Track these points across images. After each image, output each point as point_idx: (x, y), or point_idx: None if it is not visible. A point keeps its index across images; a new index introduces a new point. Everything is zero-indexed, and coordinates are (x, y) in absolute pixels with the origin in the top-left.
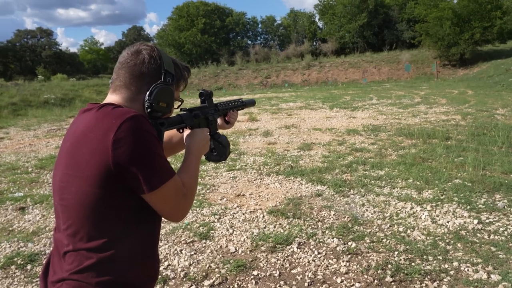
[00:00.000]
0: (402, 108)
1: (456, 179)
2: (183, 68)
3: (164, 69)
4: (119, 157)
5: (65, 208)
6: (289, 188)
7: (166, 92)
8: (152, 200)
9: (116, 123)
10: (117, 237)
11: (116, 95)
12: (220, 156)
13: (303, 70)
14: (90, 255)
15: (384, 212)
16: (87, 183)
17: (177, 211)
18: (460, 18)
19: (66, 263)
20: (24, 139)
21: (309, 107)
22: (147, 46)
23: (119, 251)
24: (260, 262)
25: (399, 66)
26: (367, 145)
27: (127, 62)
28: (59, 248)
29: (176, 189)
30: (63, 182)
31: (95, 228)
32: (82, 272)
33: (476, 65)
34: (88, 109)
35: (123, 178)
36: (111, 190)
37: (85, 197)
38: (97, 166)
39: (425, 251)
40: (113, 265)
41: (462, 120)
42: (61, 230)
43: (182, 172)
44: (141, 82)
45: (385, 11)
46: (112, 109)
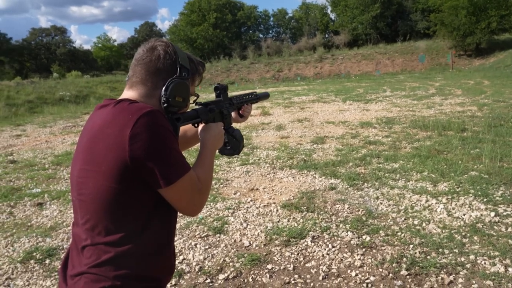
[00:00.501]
0: (417, 99)
1: (473, 171)
2: (197, 63)
3: (179, 64)
4: (136, 152)
5: (83, 203)
6: (302, 182)
7: (182, 87)
8: (168, 195)
9: (133, 118)
10: (134, 232)
11: (133, 91)
12: (234, 150)
13: (316, 63)
14: (108, 249)
15: (398, 205)
16: (104, 178)
17: (193, 206)
18: (476, 7)
19: (84, 257)
20: (41, 136)
21: (322, 100)
22: (162, 42)
23: (136, 245)
24: (274, 256)
25: (413, 57)
26: (381, 138)
27: (142, 58)
28: (77, 243)
29: (192, 183)
30: (81, 177)
31: (113, 222)
32: (100, 266)
33: (492, 54)
34: (105, 105)
35: (140, 173)
36: (128, 185)
37: (102, 192)
38: (114, 161)
39: (441, 244)
40: (131, 259)
41: (478, 111)
42: (79, 225)
43: (197, 166)
44: (157, 78)
45: (398, 1)
46: (129, 104)
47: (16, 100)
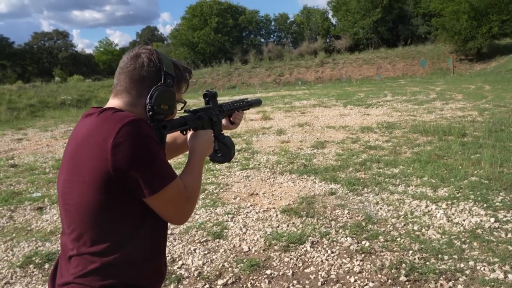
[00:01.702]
0: (417, 104)
1: (473, 176)
2: (183, 69)
3: (164, 71)
4: (119, 162)
5: (69, 212)
6: (302, 187)
7: (167, 94)
8: (154, 204)
9: (116, 127)
10: (120, 241)
11: (118, 99)
12: (225, 157)
13: (317, 68)
14: (94, 259)
15: (398, 210)
16: (89, 188)
17: (180, 214)
18: (477, 12)
19: (71, 266)
20: (42, 140)
21: (323, 105)
22: (146, 50)
23: (123, 255)
24: (273, 261)
25: (414, 61)
26: (381, 143)
27: (126, 66)
28: (65, 252)
29: (178, 192)
30: (65, 187)
31: (98, 232)
32: (86, 276)
33: (493, 59)
34: (90, 113)
35: (124, 182)
36: (112, 195)
37: (87, 202)
38: (97, 171)
39: (440, 250)
40: (117, 268)
41: (479, 116)
42: (66, 234)
43: (185, 174)
44: (141, 86)
45: (399, 6)
46: (112, 113)
47: (17, 104)
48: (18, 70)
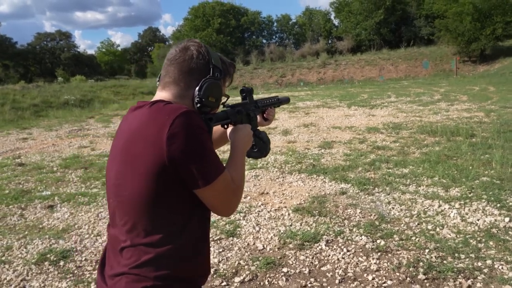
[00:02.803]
0: (422, 105)
1: (484, 176)
2: (229, 64)
3: (212, 64)
4: (174, 152)
5: (122, 204)
6: (312, 186)
7: (215, 87)
8: (205, 195)
9: (170, 119)
10: (173, 232)
11: (166, 91)
12: (261, 153)
13: (319, 69)
14: (148, 250)
15: (411, 210)
16: (143, 179)
17: (228, 206)
18: (481, 13)
19: (123, 258)
20: (47, 140)
21: (327, 106)
22: (195, 43)
23: (176, 247)
24: (289, 259)
25: (416, 63)
26: (388, 143)
27: (175, 58)
28: (114, 244)
29: (227, 184)
30: (119, 179)
31: (151, 223)
32: (141, 267)
33: (497, 60)
34: (139, 106)
35: (178, 173)
36: (166, 186)
37: (141, 193)
38: (152, 162)
39: (457, 249)
40: (170, 259)
41: (486, 117)
42: (117, 226)
43: (229, 167)
44: (190, 78)
45: (402, 7)
46: (164, 105)
47: (21, 104)
48: (20, 70)
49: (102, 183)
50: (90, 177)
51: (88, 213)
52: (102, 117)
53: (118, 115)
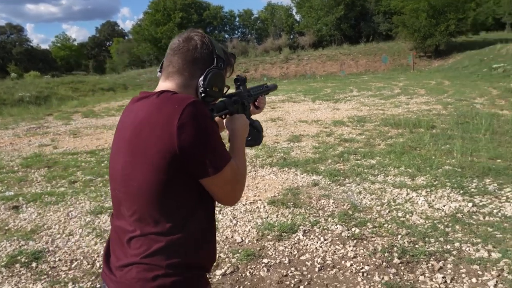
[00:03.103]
0: (384, 99)
1: (446, 165)
2: (230, 54)
3: (216, 55)
4: (184, 142)
5: (130, 195)
6: (285, 179)
7: (219, 77)
8: (213, 183)
9: (179, 108)
10: (183, 221)
11: (170, 81)
12: (255, 141)
13: (282, 64)
14: (159, 239)
15: (381, 198)
16: (153, 169)
17: (233, 194)
18: (435, 10)
19: (132, 248)
20: (4, 138)
21: (292, 100)
22: (198, 33)
23: (186, 235)
24: (268, 250)
25: (376, 58)
26: (355, 136)
27: (179, 48)
28: (120, 235)
29: (233, 172)
30: (127, 169)
31: (162, 212)
32: (153, 256)
33: (451, 56)
34: (143, 97)
35: (188, 162)
36: (175, 175)
37: (151, 183)
38: (162, 152)
39: (426, 234)
40: (181, 247)
41: (444, 110)
42: (124, 217)
43: (233, 156)
44: (194, 67)
45: (361, 3)
46: (172, 95)
47: None
48: None
49: (68, 181)
50: (55, 176)
51: (57, 212)
52: (61, 114)
53: (78, 111)
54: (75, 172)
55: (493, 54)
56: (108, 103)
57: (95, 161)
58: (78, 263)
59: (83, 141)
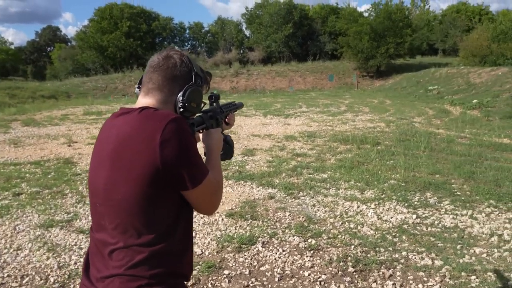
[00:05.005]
0: (331, 115)
1: (392, 180)
2: (206, 73)
3: (194, 72)
4: (167, 157)
5: (113, 208)
6: (241, 192)
7: (197, 93)
8: (193, 196)
9: (161, 125)
10: (165, 232)
11: (149, 97)
12: (227, 155)
13: (232, 78)
14: (142, 250)
15: (334, 211)
16: (137, 182)
17: (212, 205)
18: (376, 34)
19: (114, 260)
20: None
21: (243, 114)
22: (177, 52)
23: (167, 245)
24: (228, 262)
25: (322, 75)
26: (306, 150)
27: (159, 65)
28: (100, 248)
29: (211, 184)
30: (109, 184)
31: (144, 224)
32: (136, 267)
33: (391, 77)
34: (124, 112)
35: (169, 176)
36: (158, 188)
37: (134, 196)
38: (146, 166)
39: (377, 244)
40: (163, 258)
41: (387, 127)
42: (106, 230)
43: (210, 170)
44: (173, 84)
45: (309, 23)
46: (153, 111)
47: None
48: None
49: (12, 193)
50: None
51: (2, 226)
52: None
53: (17, 119)
54: (19, 184)
55: (428, 77)
56: (50, 111)
57: (41, 172)
58: (30, 278)
59: (25, 151)
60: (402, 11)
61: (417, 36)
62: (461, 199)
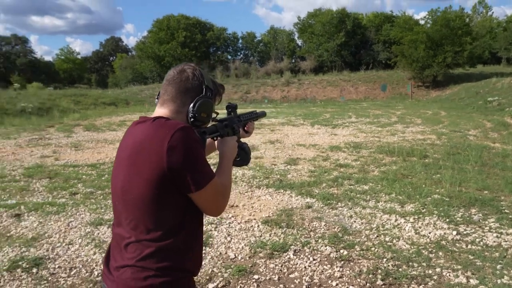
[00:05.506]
0: (381, 126)
1: (435, 194)
2: (218, 85)
3: (205, 85)
4: (173, 162)
5: (128, 206)
6: (280, 200)
7: (207, 105)
8: (198, 198)
9: (169, 133)
10: (172, 230)
11: (164, 108)
12: (243, 161)
13: (283, 87)
14: (150, 245)
15: (371, 223)
16: (146, 184)
17: (217, 207)
18: (433, 42)
19: (128, 252)
20: (6, 148)
21: (291, 123)
22: (190, 66)
23: (174, 242)
24: (259, 267)
25: (375, 85)
26: (350, 161)
27: (174, 79)
28: (119, 241)
29: (216, 188)
30: (125, 184)
31: (153, 222)
32: (144, 259)
33: (448, 87)
34: (142, 121)
35: (175, 179)
36: (166, 190)
37: (144, 196)
38: (154, 170)
39: (410, 258)
40: (169, 253)
41: (438, 140)
42: (123, 226)
43: (218, 174)
44: (185, 96)
45: (362, 31)
46: (165, 121)
47: None
48: None
49: (69, 193)
50: (56, 187)
51: (57, 222)
52: (63, 126)
53: (79, 125)
54: (76, 184)
55: (488, 87)
56: (109, 117)
57: (96, 174)
58: (77, 270)
59: (84, 154)
60: (461, 18)
61: (478, 44)
62: (508, 217)
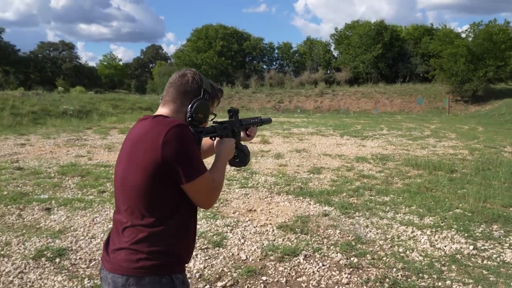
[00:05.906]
0: (412, 140)
1: (457, 209)
2: (217, 89)
3: (203, 88)
4: (166, 155)
5: (126, 193)
6: (298, 207)
7: (204, 106)
8: (189, 190)
9: (165, 129)
10: (164, 217)
11: (165, 108)
12: (242, 162)
13: (316, 97)
14: (144, 230)
15: (386, 234)
16: (142, 174)
17: (208, 200)
18: (474, 56)
19: (124, 236)
20: (45, 147)
21: (320, 134)
22: (191, 71)
23: (166, 228)
24: (268, 269)
25: (411, 98)
26: (374, 173)
27: (175, 82)
28: (118, 226)
29: (207, 182)
30: (124, 173)
31: (147, 208)
32: (138, 243)
33: (488, 102)
34: (145, 118)
35: (168, 171)
36: (159, 180)
37: (140, 184)
38: (150, 161)
39: (422, 270)
40: (161, 238)
41: (469, 155)
42: (121, 212)
43: (212, 170)
44: (185, 98)
45: (400, 44)
46: (163, 118)
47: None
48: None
49: (98, 191)
50: (86, 184)
51: (83, 217)
52: (100, 128)
53: (115, 128)
54: (105, 183)
55: None
56: None
57: None
58: (96, 263)
59: (116, 155)
60: (505, 32)
61: None
62: None
